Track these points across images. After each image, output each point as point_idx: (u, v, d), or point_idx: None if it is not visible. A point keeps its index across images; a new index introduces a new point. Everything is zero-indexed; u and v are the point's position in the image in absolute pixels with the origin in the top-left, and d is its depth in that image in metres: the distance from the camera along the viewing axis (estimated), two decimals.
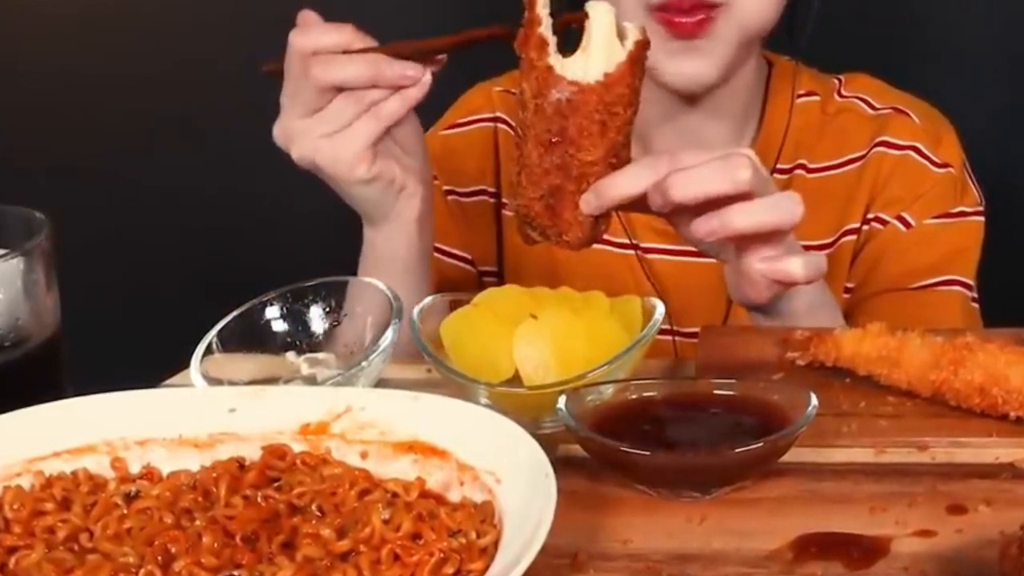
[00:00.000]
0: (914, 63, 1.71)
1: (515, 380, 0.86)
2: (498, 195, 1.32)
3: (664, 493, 0.78)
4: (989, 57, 1.76)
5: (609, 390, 0.84)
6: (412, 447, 0.76)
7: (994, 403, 0.84)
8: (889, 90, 1.32)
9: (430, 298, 0.95)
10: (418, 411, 0.78)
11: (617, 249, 1.27)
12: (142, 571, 0.67)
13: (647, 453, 0.77)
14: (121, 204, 1.94)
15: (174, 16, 1.90)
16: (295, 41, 1.00)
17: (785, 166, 1.27)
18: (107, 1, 1.92)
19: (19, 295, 0.87)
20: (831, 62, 1.33)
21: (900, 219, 1.25)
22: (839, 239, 1.27)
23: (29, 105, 1.93)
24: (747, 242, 0.94)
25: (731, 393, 0.83)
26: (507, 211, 1.30)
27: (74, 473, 0.77)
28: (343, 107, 1.00)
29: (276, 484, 0.75)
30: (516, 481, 0.70)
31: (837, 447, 0.83)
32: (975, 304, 1.25)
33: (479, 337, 0.89)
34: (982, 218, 1.27)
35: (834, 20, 1.24)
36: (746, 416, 0.81)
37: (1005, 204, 1.38)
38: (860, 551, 0.72)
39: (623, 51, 0.89)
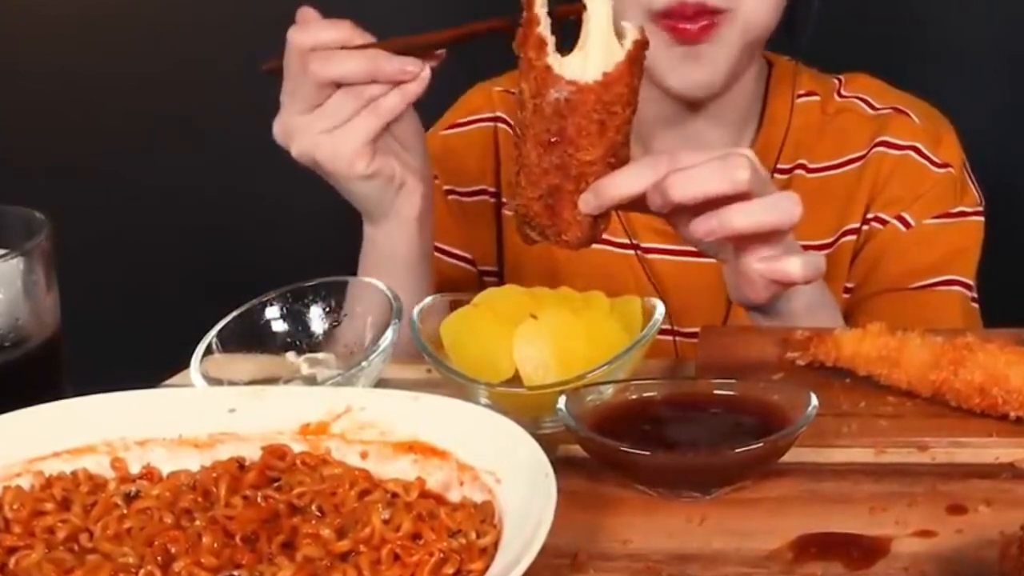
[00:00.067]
0: (914, 63, 1.71)
1: (515, 380, 0.86)
2: (498, 195, 1.32)
3: (664, 493, 0.78)
4: (989, 57, 1.76)
5: (609, 390, 0.84)
6: (412, 447, 0.76)
7: (994, 403, 0.84)
8: (889, 90, 1.32)
9: (430, 298, 0.95)
10: (418, 411, 0.78)
11: (617, 249, 1.27)
12: (142, 571, 0.67)
13: (647, 453, 0.77)
14: (121, 204, 1.94)
15: (174, 16, 1.90)
16: (294, 38, 1.00)
17: (785, 166, 1.27)
18: (107, 1, 1.92)
19: (19, 295, 0.87)
20: (831, 62, 1.33)
21: (900, 219, 1.25)
22: (839, 239, 1.27)
23: (29, 105, 1.93)
24: (746, 242, 0.94)
25: (731, 393, 0.83)
26: (507, 211, 1.30)
27: (74, 473, 0.77)
28: (342, 103, 1.00)
29: (276, 484, 0.75)
30: (516, 481, 0.70)
31: (837, 447, 0.83)
32: (975, 304, 1.25)
33: (479, 337, 0.89)
34: (982, 218, 1.27)
35: (834, 20, 1.24)
36: (746, 416, 0.81)
37: (1005, 204, 1.38)
38: (860, 551, 0.71)
39: (622, 50, 0.89)
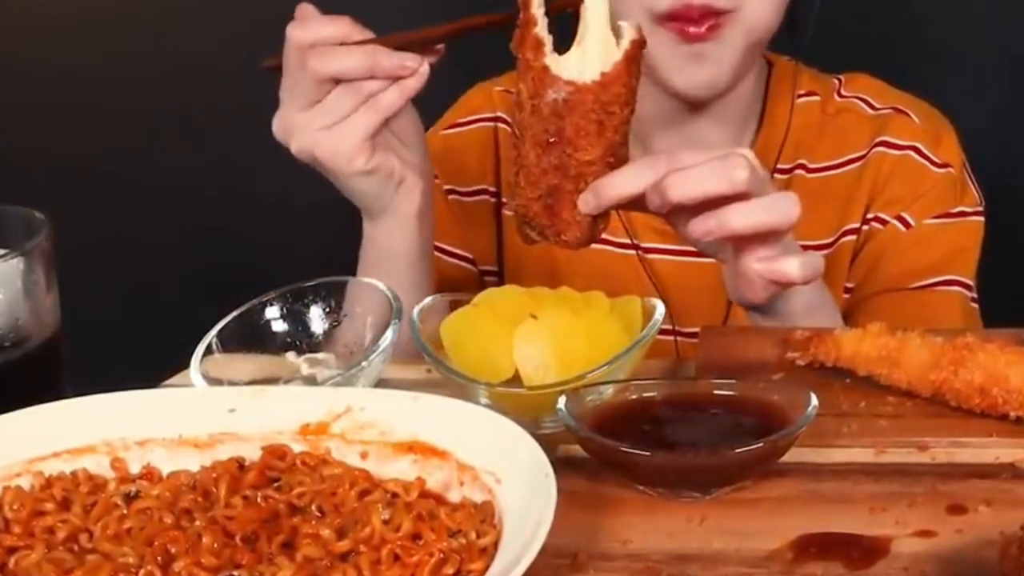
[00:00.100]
0: (914, 63, 1.71)
1: (515, 380, 0.86)
2: (498, 195, 1.32)
3: (664, 493, 0.78)
4: (989, 57, 1.76)
5: (609, 390, 0.84)
6: (412, 447, 0.76)
7: (994, 403, 0.84)
8: (889, 90, 1.32)
9: (430, 298, 0.95)
10: (418, 411, 0.78)
11: (618, 249, 1.27)
12: (142, 571, 0.67)
13: (647, 453, 0.77)
14: (121, 204, 1.94)
15: (174, 16, 1.90)
16: (293, 34, 1.00)
17: (785, 166, 1.27)
18: (107, 1, 1.92)
19: (19, 295, 0.87)
20: (831, 62, 1.33)
21: (900, 219, 1.25)
22: (839, 239, 1.27)
23: (29, 105, 1.93)
24: (744, 242, 0.94)
25: (731, 393, 0.83)
26: (507, 211, 1.30)
27: (74, 473, 0.77)
28: (341, 99, 1.00)
29: (276, 484, 0.75)
30: (516, 481, 0.70)
31: (837, 447, 0.83)
32: (975, 304, 1.25)
33: (479, 337, 0.89)
34: (982, 218, 1.27)
35: (834, 20, 1.24)
36: (746, 416, 0.81)
37: (1005, 204, 1.38)
38: (860, 551, 0.71)
39: (619, 50, 0.89)
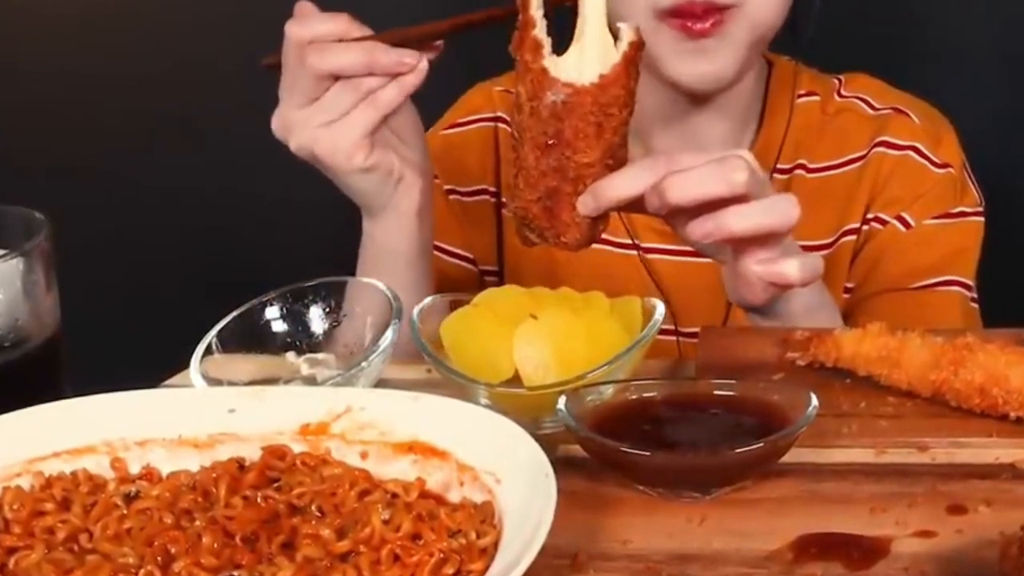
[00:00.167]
0: (914, 63, 1.71)
1: (515, 380, 0.86)
2: (499, 195, 1.32)
3: (664, 493, 0.78)
4: (989, 57, 1.76)
5: (609, 390, 0.84)
6: (412, 447, 0.76)
7: (994, 403, 0.84)
8: (889, 90, 1.32)
9: (430, 298, 0.95)
10: (418, 411, 0.78)
11: (618, 249, 1.27)
12: (142, 571, 0.67)
13: (647, 453, 0.77)
14: (121, 204, 1.94)
15: (174, 16, 1.90)
16: (291, 31, 1.00)
17: (785, 166, 1.27)
18: (107, 1, 1.92)
19: (19, 295, 0.87)
20: (831, 62, 1.33)
21: (900, 219, 1.25)
22: (839, 239, 1.26)
23: (29, 105, 1.93)
24: (744, 244, 0.94)
25: (731, 393, 0.83)
26: (507, 211, 1.30)
27: (74, 473, 0.77)
28: (340, 95, 1.00)
29: (276, 484, 0.75)
30: (516, 481, 0.70)
31: (837, 447, 0.83)
32: (975, 304, 1.25)
33: (479, 337, 0.89)
34: (982, 218, 1.27)
35: (834, 20, 1.24)
36: (746, 416, 0.81)
37: (1005, 204, 1.38)
38: (860, 552, 0.71)
39: (617, 52, 0.89)
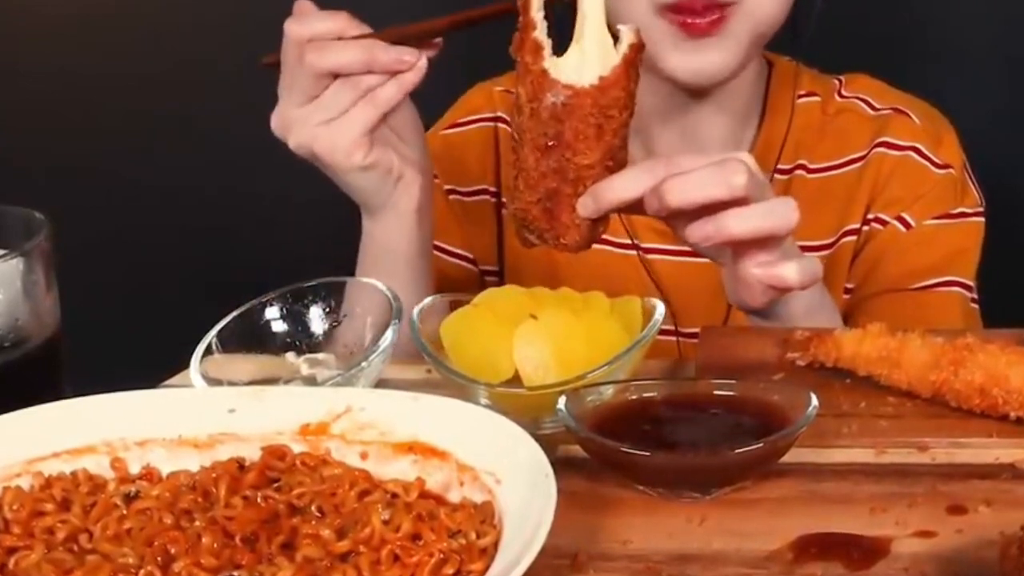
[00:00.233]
0: (914, 63, 1.71)
1: (515, 380, 0.86)
2: (499, 195, 1.32)
3: (664, 493, 0.78)
4: (989, 57, 1.76)
5: (609, 391, 0.84)
6: (412, 447, 0.76)
7: (994, 404, 0.84)
8: (889, 90, 1.32)
9: (430, 298, 0.95)
10: (418, 411, 0.78)
11: (618, 249, 1.27)
12: (142, 572, 0.67)
13: (647, 454, 0.77)
14: (121, 204, 1.94)
15: (174, 16, 1.90)
16: (290, 29, 1.00)
17: (785, 166, 1.27)
18: (107, 1, 1.92)
19: (19, 295, 0.87)
20: (831, 62, 1.33)
21: (900, 220, 1.25)
22: (839, 239, 1.26)
23: (29, 105, 1.93)
24: (743, 247, 0.94)
25: (731, 393, 0.83)
26: (507, 212, 1.30)
27: (74, 474, 0.77)
28: (339, 94, 1.00)
29: (276, 485, 0.75)
30: (516, 481, 0.70)
31: (837, 447, 0.83)
32: (975, 305, 1.25)
33: (479, 337, 0.89)
34: (982, 219, 1.27)
35: (834, 20, 1.24)
36: (746, 416, 0.81)
37: (1005, 204, 1.38)
38: (860, 552, 0.71)
39: (617, 54, 0.89)
